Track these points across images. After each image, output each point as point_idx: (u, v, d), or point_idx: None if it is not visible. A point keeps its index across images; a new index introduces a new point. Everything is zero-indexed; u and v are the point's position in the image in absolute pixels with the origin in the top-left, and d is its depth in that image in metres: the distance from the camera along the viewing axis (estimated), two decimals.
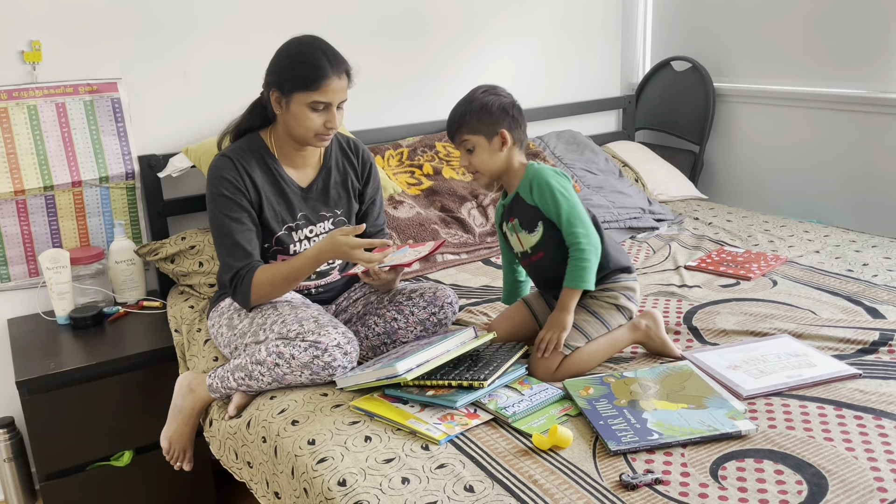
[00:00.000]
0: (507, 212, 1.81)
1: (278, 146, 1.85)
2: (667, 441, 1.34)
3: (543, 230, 1.73)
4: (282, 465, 1.47)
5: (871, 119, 2.71)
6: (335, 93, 1.73)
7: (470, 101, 1.76)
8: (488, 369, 1.52)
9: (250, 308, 1.78)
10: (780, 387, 1.52)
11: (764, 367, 1.60)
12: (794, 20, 2.90)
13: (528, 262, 1.82)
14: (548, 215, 1.71)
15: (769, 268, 2.25)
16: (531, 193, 1.73)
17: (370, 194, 1.99)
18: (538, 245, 1.75)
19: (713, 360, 1.64)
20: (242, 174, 1.78)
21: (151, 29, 2.36)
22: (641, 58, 3.53)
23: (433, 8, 2.92)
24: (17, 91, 2.19)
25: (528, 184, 1.73)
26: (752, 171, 3.18)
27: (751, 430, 1.36)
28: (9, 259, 2.27)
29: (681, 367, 1.60)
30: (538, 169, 1.74)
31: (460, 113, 1.75)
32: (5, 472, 2.15)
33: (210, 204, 1.78)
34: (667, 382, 1.54)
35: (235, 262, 1.74)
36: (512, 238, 1.82)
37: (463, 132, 1.74)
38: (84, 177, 2.30)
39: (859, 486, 1.21)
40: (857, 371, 1.57)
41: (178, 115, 2.45)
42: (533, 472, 1.29)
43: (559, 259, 1.71)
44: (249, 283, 1.73)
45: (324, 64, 1.71)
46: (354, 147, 1.98)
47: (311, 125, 1.74)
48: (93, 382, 1.99)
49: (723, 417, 1.40)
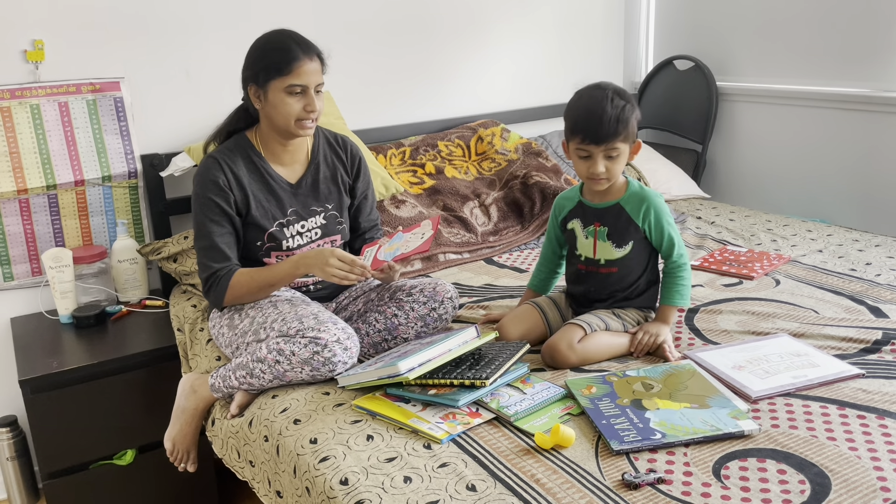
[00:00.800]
0: (593, 215, 1.80)
1: (264, 144, 1.86)
2: (669, 441, 1.34)
3: (632, 249, 1.76)
4: (284, 464, 1.47)
5: (874, 118, 2.71)
6: (308, 74, 1.74)
7: (620, 107, 1.66)
8: (490, 368, 1.52)
9: (222, 308, 1.83)
10: (787, 387, 1.51)
11: (768, 368, 1.59)
12: (797, 19, 2.90)
13: (591, 269, 1.81)
14: (648, 236, 1.75)
15: (772, 267, 2.25)
16: (639, 212, 1.74)
17: (361, 189, 2.00)
18: (618, 261, 1.77)
19: (716, 360, 1.64)
20: (228, 175, 1.80)
21: (154, 28, 2.37)
22: (644, 57, 3.53)
23: (436, 9, 2.92)
24: (20, 90, 2.19)
25: (639, 202, 1.75)
26: (755, 170, 3.18)
27: (754, 430, 1.36)
28: (12, 258, 2.27)
29: (683, 366, 1.60)
30: (649, 191, 1.76)
31: (618, 117, 1.66)
32: (8, 471, 2.16)
33: (194, 205, 1.81)
34: (669, 381, 1.54)
35: (212, 264, 1.77)
36: (586, 241, 1.81)
37: (618, 140, 1.67)
38: (87, 176, 2.31)
39: (862, 486, 1.21)
40: (860, 371, 1.57)
41: (180, 115, 2.46)
42: (535, 472, 1.29)
43: (626, 283, 1.78)
44: (226, 284, 1.76)
45: (293, 47, 1.74)
46: (342, 142, 1.99)
47: (290, 111, 1.75)
48: (95, 381, 1.99)
49: (726, 417, 1.39)
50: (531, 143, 2.94)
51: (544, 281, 1.97)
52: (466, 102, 3.10)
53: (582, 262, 1.82)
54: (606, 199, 1.78)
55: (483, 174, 2.83)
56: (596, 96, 1.68)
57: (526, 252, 2.53)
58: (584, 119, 1.67)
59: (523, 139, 2.97)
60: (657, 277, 1.84)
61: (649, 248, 1.79)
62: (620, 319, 1.77)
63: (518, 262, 2.44)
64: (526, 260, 2.45)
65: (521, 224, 2.68)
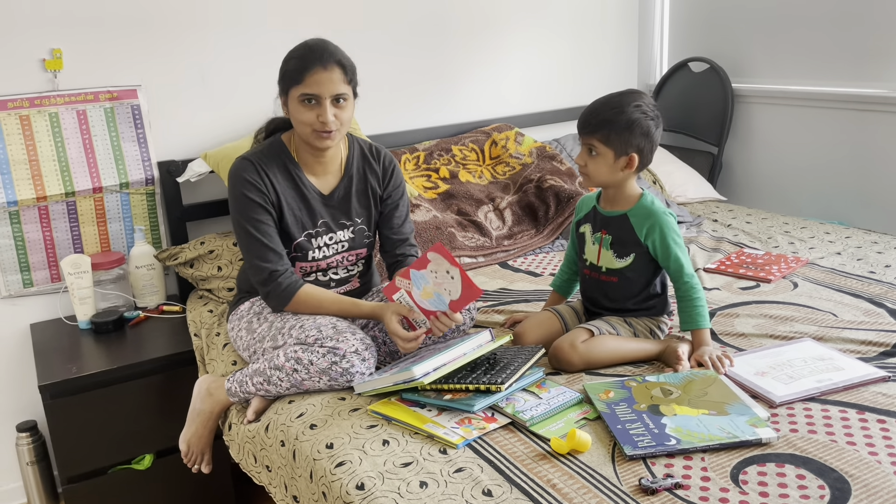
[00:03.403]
0: (601, 221, 1.79)
1: (298, 152, 1.84)
2: (684, 447, 1.33)
3: (632, 262, 1.74)
4: (300, 469, 1.47)
5: (892, 119, 2.68)
6: (321, 84, 1.69)
7: (618, 110, 1.65)
8: (506, 373, 1.52)
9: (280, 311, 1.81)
10: (811, 392, 1.50)
11: (792, 373, 1.57)
12: (812, 19, 2.87)
13: (594, 275, 1.80)
14: (653, 253, 1.73)
15: (789, 270, 2.23)
16: (643, 227, 1.71)
17: (392, 198, 1.93)
18: (617, 271, 1.76)
19: (739, 367, 1.62)
20: (263, 177, 1.77)
21: (170, 36, 2.39)
22: (659, 59, 3.52)
23: (450, 13, 2.93)
24: (39, 98, 2.22)
25: (644, 217, 1.72)
26: (772, 172, 3.15)
27: (772, 438, 1.34)
28: (31, 265, 2.30)
29: (705, 372, 1.59)
30: (658, 208, 1.72)
31: (602, 118, 1.66)
32: (28, 476, 2.18)
33: (233, 206, 1.78)
34: (689, 388, 1.53)
35: (265, 264, 1.75)
36: (591, 247, 1.80)
37: (595, 137, 1.67)
38: (105, 183, 2.33)
39: (882, 491, 1.20)
40: (886, 374, 1.55)
41: (196, 121, 2.47)
42: (551, 477, 1.29)
43: (625, 294, 1.77)
44: (291, 295, 1.75)
45: (308, 56, 1.70)
46: (377, 152, 1.95)
47: (304, 119, 1.72)
48: (114, 386, 2.01)
49: (744, 424, 1.38)
50: (545, 147, 2.93)
51: (567, 282, 1.97)
52: (480, 106, 3.10)
53: (587, 266, 1.82)
54: (616, 208, 1.77)
55: (497, 178, 2.83)
56: (612, 95, 1.70)
57: (541, 256, 2.53)
58: (587, 108, 1.71)
59: (537, 143, 2.97)
60: (662, 292, 1.81)
61: (653, 266, 1.76)
62: (631, 327, 1.76)
63: (533, 266, 2.44)
64: (541, 264, 2.45)
65: (535, 228, 2.68)
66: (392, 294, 1.68)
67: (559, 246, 2.61)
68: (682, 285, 1.71)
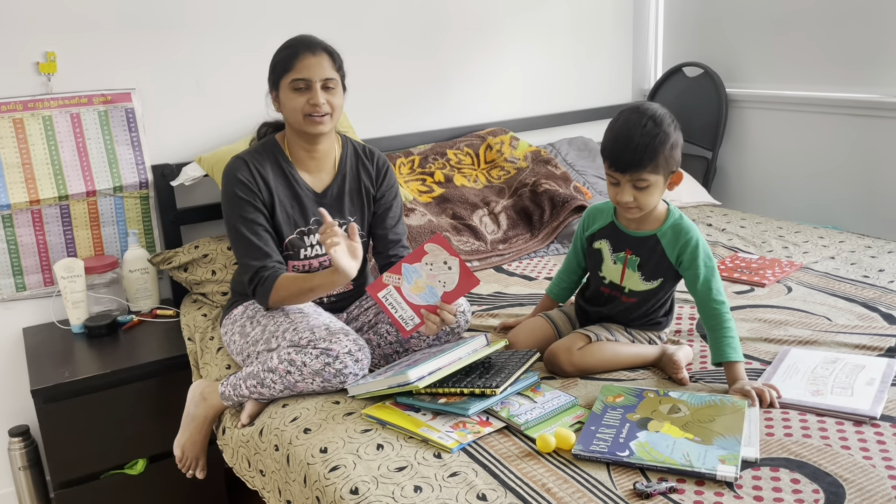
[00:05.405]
0: (626, 242, 1.69)
1: (291, 149, 1.86)
2: (631, 462, 1.30)
3: (660, 286, 1.68)
4: (294, 474, 1.47)
5: (885, 123, 2.69)
6: (310, 68, 1.75)
7: (652, 135, 1.53)
8: (500, 377, 1.52)
9: (268, 308, 1.81)
10: (882, 392, 1.48)
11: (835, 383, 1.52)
12: (806, 25, 2.89)
13: (615, 294, 1.73)
14: (681, 272, 1.65)
15: (784, 274, 2.24)
16: (675, 247, 1.63)
17: (386, 198, 1.95)
18: (642, 293, 1.70)
19: (790, 393, 1.51)
20: (256, 176, 1.79)
21: (165, 39, 2.38)
22: (653, 64, 3.53)
23: (443, 17, 2.93)
24: (33, 102, 2.21)
25: (675, 236, 1.63)
26: (766, 176, 3.16)
27: (727, 477, 1.24)
28: (24, 268, 2.29)
29: (737, 402, 1.45)
30: (688, 224, 1.64)
31: (645, 151, 1.53)
32: (20, 481, 2.17)
33: (225, 205, 1.80)
34: (701, 412, 1.44)
35: (252, 262, 1.76)
36: (614, 266, 1.71)
37: (645, 170, 1.54)
38: (98, 186, 2.32)
39: (877, 495, 1.20)
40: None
41: (190, 125, 2.47)
42: (546, 481, 1.29)
43: (642, 311, 1.73)
44: (271, 285, 1.74)
45: (297, 45, 1.78)
46: (370, 153, 1.97)
47: (296, 106, 1.76)
48: (107, 391, 2.00)
49: (713, 458, 1.29)
50: (540, 151, 2.94)
51: (565, 290, 1.91)
52: (475, 111, 3.10)
53: (606, 284, 1.74)
54: (643, 229, 1.67)
55: (492, 182, 2.83)
56: (630, 121, 1.56)
57: (535, 260, 2.53)
58: (612, 144, 1.57)
59: (532, 147, 2.97)
60: (671, 309, 1.78)
61: (675, 282, 1.71)
62: (630, 335, 1.75)
63: (528, 270, 2.44)
64: (536, 268, 2.45)
65: (530, 232, 2.68)
66: (377, 292, 1.66)
67: (554, 250, 2.61)
68: (709, 311, 1.60)
